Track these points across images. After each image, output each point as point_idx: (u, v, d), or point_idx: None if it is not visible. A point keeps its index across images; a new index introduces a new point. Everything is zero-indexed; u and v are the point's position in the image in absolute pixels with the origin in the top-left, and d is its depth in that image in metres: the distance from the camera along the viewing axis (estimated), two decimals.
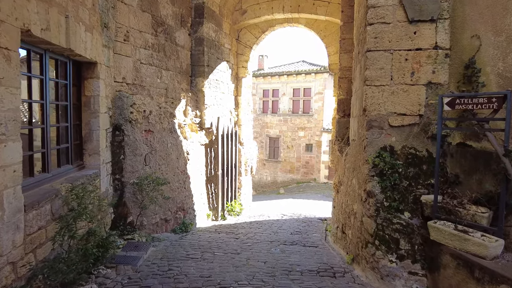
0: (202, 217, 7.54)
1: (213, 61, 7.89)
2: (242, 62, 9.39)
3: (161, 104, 6.31)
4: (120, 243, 4.92)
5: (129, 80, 5.53)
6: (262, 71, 23.27)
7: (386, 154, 3.85)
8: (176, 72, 6.90)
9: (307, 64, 22.85)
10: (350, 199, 5.09)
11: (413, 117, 3.86)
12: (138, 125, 5.57)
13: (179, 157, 6.65)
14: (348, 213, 5.21)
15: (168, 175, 6.25)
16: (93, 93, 4.48)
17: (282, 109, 22.35)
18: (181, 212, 6.66)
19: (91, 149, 4.55)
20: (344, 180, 5.80)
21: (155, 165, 5.95)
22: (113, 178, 5.15)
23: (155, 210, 5.90)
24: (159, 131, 6.11)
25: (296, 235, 6.75)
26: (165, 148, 6.23)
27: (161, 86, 6.37)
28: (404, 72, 3.86)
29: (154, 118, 6.01)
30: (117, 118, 5.19)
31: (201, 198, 7.51)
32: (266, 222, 8.08)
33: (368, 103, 3.99)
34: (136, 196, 5.44)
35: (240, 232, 6.60)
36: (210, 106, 7.84)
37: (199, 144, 7.45)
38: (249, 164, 10.15)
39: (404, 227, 3.58)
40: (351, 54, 6.59)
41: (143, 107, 5.70)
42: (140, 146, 5.58)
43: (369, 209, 3.96)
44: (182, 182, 6.71)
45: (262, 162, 22.33)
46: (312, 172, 21.63)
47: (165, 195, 5.90)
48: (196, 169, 7.32)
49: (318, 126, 21.10)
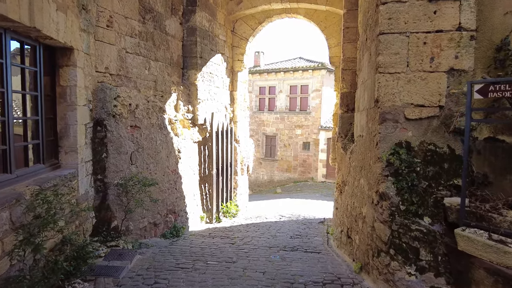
0: (195, 220, 7.04)
1: (206, 53, 7.38)
2: (237, 55, 8.89)
3: (150, 98, 5.79)
4: (102, 251, 4.40)
5: (113, 71, 5.00)
6: (258, 67, 22.77)
7: (402, 150, 3.38)
8: (166, 64, 6.38)
9: (304, 60, 22.39)
10: (357, 201, 4.62)
11: (433, 108, 3.40)
12: (123, 120, 5.05)
13: (170, 156, 6.14)
14: (354, 216, 4.74)
15: (157, 175, 5.74)
16: (69, 83, 3.96)
17: (278, 107, 21.88)
18: (172, 215, 6.16)
19: (68, 146, 4.03)
20: (349, 180, 5.33)
21: (143, 164, 5.44)
22: (94, 178, 4.63)
23: (142, 214, 5.39)
24: (146, 127, 5.59)
25: (296, 239, 6.28)
26: (153, 146, 5.71)
27: (149, 78, 5.85)
28: (422, 58, 3.39)
29: (141, 113, 5.49)
30: (98, 112, 4.67)
31: (194, 199, 7.01)
32: (264, 225, 7.60)
33: (381, 93, 3.52)
34: (121, 198, 4.93)
35: (236, 237, 6.11)
36: (204, 101, 7.33)
37: (191, 142, 6.94)
38: (245, 163, 9.66)
39: (424, 235, 3.11)
40: (355, 44, 6.12)
41: (128, 100, 5.18)
42: (125, 143, 5.07)
43: (382, 214, 3.49)
44: (173, 183, 6.21)
45: (258, 160, 21.85)
46: (310, 171, 21.20)
47: (153, 197, 5.39)
48: (188, 168, 6.82)
49: (316, 124, 20.66)
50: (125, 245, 4.83)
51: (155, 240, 5.66)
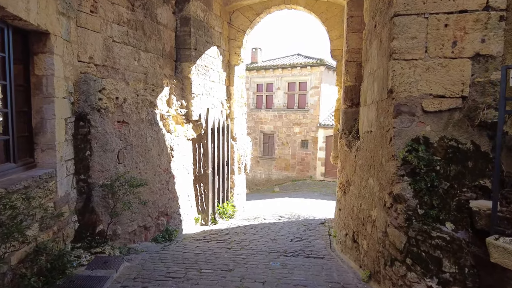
0: (190, 222, 6.63)
1: (201, 45, 6.95)
2: (234, 48, 8.47)
3: (139, 91, 5.36)
4: (85, 258, 3.99)
5: (98, 61, 4.57)
6: (256, 64, 22.33)
7: (421, 147, 2.99)
8: (157, 55, 5.95)
9: (302, 57, 21.98)
10: (365, 203, 4.23)
11: (454, 100, 3.01)
12: (109, 114, 4.62)
13: (161, 154, 5.72)
14: (362, 219, 4.36)
15: (147, 175, 5.33)
16: (45, 72, 3.53)
17: (276, 104, 21.47)
18: (164, 218, 5.74)
19: (45, 143, 3.60)
20: (355, 180, 4.95)
21: (131, 163, 5.02)
22: (77, 179, 4.21)
23: (131, 217, 4.97)
24: (136, 122, 5.17)
25: (297, 242, 5.89)
26: (143, 143, 5.29)
27: (139, 70, 5.42)
28: (443, 42, 3.00)
29: (130, 107, 5.07)
30: (81, 106, 4.25)
31: (188, 200, 6.60)
32: (262, 227, 7.21)
33: (395, 83, 3.12)
34: (108, 200, 4.51)
35: (233, 240, 5.71)
36: (198, 96, 6.91)
37: (185, 139, 6.53)
38: (243, 161, 9.25)
39: (447, 243, 2.72)
40: (360, 34, 5.73)
41: (115, 93, 4.76)
42: (112, 140, 4.64)
43: (397, 218, 3.10)
44: (165, 183, 5.79)
45: (256, 159, 21.45)
46: (308, 170, 20.83)
47: (142, 198, 4.98)
48: (182, 167, 6.40)
49: (314, 122, 20.29)
50: (112, 251, 4.42)
51: (146, 244, 5.24)
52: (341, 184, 5.93)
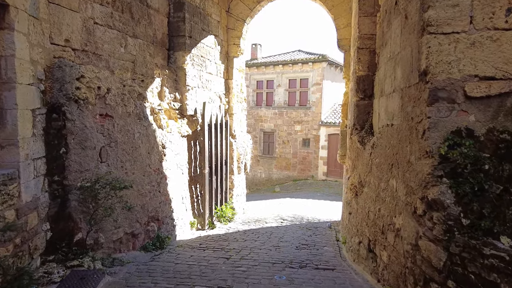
0: (185, 227, 6.04)
1: (197, 32, 6.35)
2: (233, 39, 7.86)
3: (126, 81, 4.76)
4: (57, 274, 3.40)
5: (76, 45, 3.97)
6: (256, 60, 21.72)
7: (468, 141, 2.40)
8: (147, 42, 5.35)
9: (303, 53, 21.37)
10: (385, 208, 3.64)
11: (507, 82, 2.42)
12: (89, 106, 4.02)
13: (152, 152, 5.12)
14: (380, 227, 3.77)
15: (135, 176, 4.73)
16: (3, 52, 2.93)
17: (277, 102, 20.87)
18: (155, 223, 5.15)
19: (5, 138, 3.01)
20: (370, 181, 4.35)
21: (116, 162, 4.42)
22: (49, 181, 3.61)
23: (117, 223, 4.38)
24: (121, 116, 4.57)
25: (303, 250, 5.30)
26: (130, 140, 4.70)
27: (126, 57, 4.82)
28: (493, 9, 2.41)
29: (115, 99, 4.47)
30: (55, 96, 3.65)
31: (182, 203, 6.00)
32: (264, 231, 6.62)
33: (431, 62, 2.53)
34: (88, 205, 3.92)
35: (232, 248, 5.12)
36: (194, 88, 6.32)
37: (179, 136, 5.93)
38: (243, 161, 8.66)
39: (508, 264, 2.13)
40: (373, 18, 5.13)
41: (96, 82, 4.16)
42: (93, 135, 4.05)
43: (433, 229, 2.51)
44: (156, 184, 5.19)
45: (256, 158, 20.86)
46: (310, 169, 20.25)
47: (129, 202, 4.38)
48: (175, 167, 5.80)
49: (316, 120, 19.69)
50: (92, 263, 3.82)
51: (133, 254, 4.65)
52: (352, 185, 5.34)
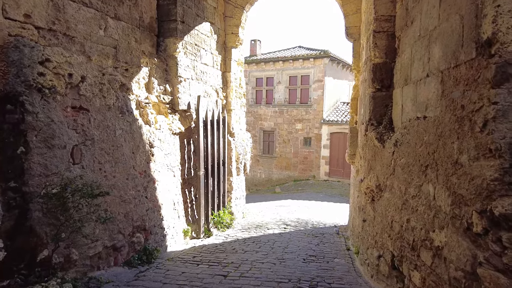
0: (177, 237, 5.36)
1: (190, 18, 5.67)
2: (231, 28, 7.18)
3: (106, 70, 4.08)
4: None
5: (40, 22, 3.29)
6: (255, 57, 21.05)
7: None
8: (132, 26, 4.67)
9: (304, 49, 20.71)
10: (417, 219, 2.97)
11: None
12: (57, 97, 3.35)
13: (137, 151, 4.45)
14: (410, 241, 3.10)
15: (116, 179, 4.05)
16: None
17: (277, 99, 20.20)
18: (141, 234, 4.47)
19: None
20: (393, 185, 3.69)
21: (93, 164, 3.74)
22: (2, 187, 2.93)
23: (94, 235, 3.70)
24: (99, 110, 3.89)
25: (311, 263, 4.64)
26: (111, 137, 4.02)
27: (106, 42, 4.14)
28: None
29: (91, 89, 3.79)
30: (11, 83, 2.97)
31: (174, 209, 5.32)
32: (266, 239, 5.95)
33: (501, 27, 1.86)
34: (56, 215, 3.24)
35: (230, 262, 4.44)
36: (187, 80, 5.64)
37: (170, 133, 5.25)
38: (242, 161, 7.99)
39: None
40: None
41: (67, 68, 3.48)
42: (62, 132, 3.37)
43: (501, 255, 1.84)
44: (142, 189, 4.52)
45: (255, 158, 20.20)
46: (311, 169, 19.59)
47: (108, 211, 3.71)
48: (166, 168, 5.13)
49: (318, 118, 19.03)
50: (60, 286, 3.15)
51: (115, 271, 3.97)
52: (367, 189, 4.67)
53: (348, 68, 21.77)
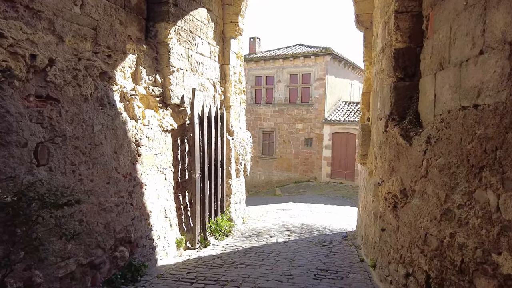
0: (169, 248, 4.71)
1: (184, 1, 5.04)
2: (230, 16, 6.55)
3: (83, 54, 3.44)
4: None
5: None
6: (254, 55, 20.43)
7: None
8: (117, 6, 4.03)
9: (304, 47, 20.11)
10: (467, 235, 2.34)
11: None
12: (14, 82, 2.70)
13: (121, 151, 3.80)
14: (457, 262, 2.46)
15: (94, 183, 3.40)
16: None
17: (277, 99, 19.58)
18: (126, 247, 3.82)
19: None
20: (425, 190, 3.05)
21: (64, 165, 3.10)
22: None
23: (65, 251, 3.06)
24: (73, 100, 3.25)
25: (324, 279, 4.01)
26: (87, 134, 3.37)
27: (82, 21, 3.49)
28: None
29: (63, 75, 3.15)
30: None
31: (166, 217, 4.68)
32: (269, 250, 5.31)
33: None
34: (12, 230, 2.60)
35: (230, 280, 3.80)
36: (180, 71, 5.00)
37: (160, 130, 4.60)
38: (242, 162, 7.35)
39: None
40: None
41: (29, 47, 2.83)
42: (22, 126, 2.73)
43: None
44: (127, 195, 3.87)
45: (255, 159, 19.56)
46: (312, 170, 18.97)
47: (81, 224, 3.06)
48: (155, 170, 4.48)
49: (319, 117, 18.41)
50: None
51: None
52: (388, 193, 4.03)
53: (350, 66, 21.19)
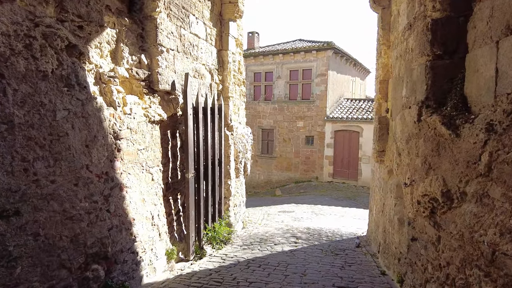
0: (157, 262, 3.95)
1: None
2: None
3: (42, 19, 2.69)
4: None
5: None
6: (253, 50, 19.68)
7: None
8: None
9: (305, 42, 19.39)
10: None
11: None
12: None
13: (93, 145, 3.05)
14: None
15: (56, 185, 2.65)
16: None
17: (277, 95, 18.84)
18: (101, 265, 3.07)
19: None
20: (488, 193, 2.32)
21: (10, 161, 2.34)
22: None
23: (10, 278, 2.30)
24: (25, 77, 2.49)
25: None
26: (47, 121, 2.62)
27: None
28: None
29: (8, 42, 2.39)
30: None
31: (153, 225, 3.92)
32: (275, 261, 4.58)
33: None
34: None
35: None
36: (170, 52, 4.25)
37: (146, 121, 3.85)
38: (242, 160, 6.62)
39: None
40: None
41: None
42: None
43: None
44: (102, 199, 3.11)
45: (254, 158, 18.81)
46: (314, 170, 18.25)
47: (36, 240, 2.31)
48: (140, 169, 3.73)
49: (321, 115, 17.70)
50: None
51: None
52: (423, 196, 3.30)
53: (352, 62, 20.50)
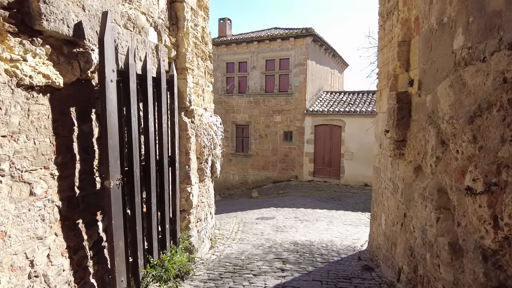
0: None
1: None
2: None
3: None
4: None
5: None
6: (225, 38, 17.92)
7: None
8: None
9: (281, 29, 17.87)
10: None
11: None
12: None
13: None
14: None
15: None
16: None
17: (252, 88, 17.20)
18: None
19: None
20: None
21: None
22: None
23: None
24: None
25: None
26: None
27: None
28: None
29: None
30: None
31: (30, 278, 2.16)
32: None
33: None
34: None
35: None
36: None
37: (14, 85, 2.07)
38: (208, 158, 4.92)
39: None
40: None
41: None
42: None
43: None
44: None
45: (227, 157, 17.09)
46: (293, 168, 16.79)
47: None
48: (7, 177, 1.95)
49: (300, 108, 16.24)
50: None
51: None
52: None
53: (331, 53, 19.23)
